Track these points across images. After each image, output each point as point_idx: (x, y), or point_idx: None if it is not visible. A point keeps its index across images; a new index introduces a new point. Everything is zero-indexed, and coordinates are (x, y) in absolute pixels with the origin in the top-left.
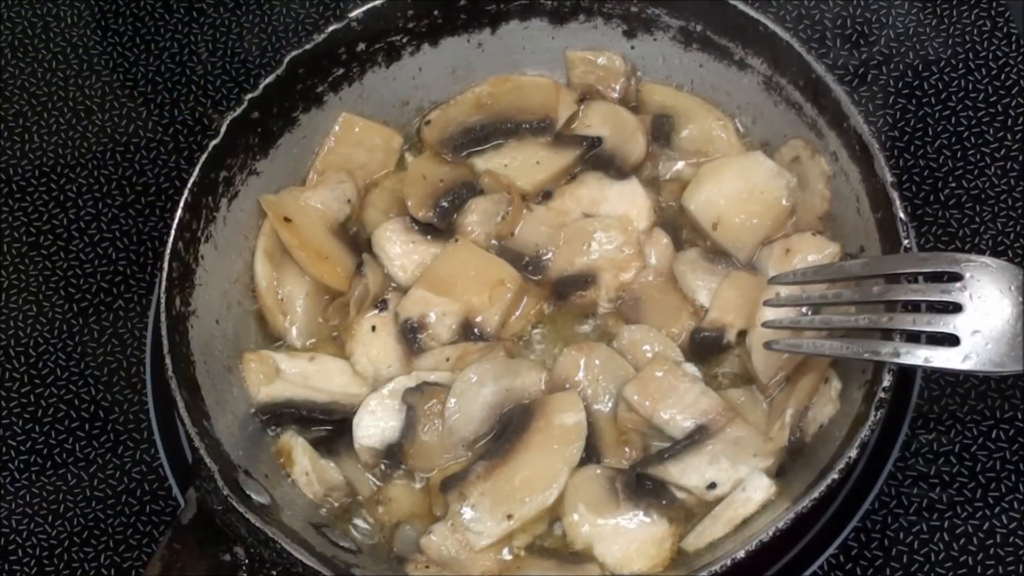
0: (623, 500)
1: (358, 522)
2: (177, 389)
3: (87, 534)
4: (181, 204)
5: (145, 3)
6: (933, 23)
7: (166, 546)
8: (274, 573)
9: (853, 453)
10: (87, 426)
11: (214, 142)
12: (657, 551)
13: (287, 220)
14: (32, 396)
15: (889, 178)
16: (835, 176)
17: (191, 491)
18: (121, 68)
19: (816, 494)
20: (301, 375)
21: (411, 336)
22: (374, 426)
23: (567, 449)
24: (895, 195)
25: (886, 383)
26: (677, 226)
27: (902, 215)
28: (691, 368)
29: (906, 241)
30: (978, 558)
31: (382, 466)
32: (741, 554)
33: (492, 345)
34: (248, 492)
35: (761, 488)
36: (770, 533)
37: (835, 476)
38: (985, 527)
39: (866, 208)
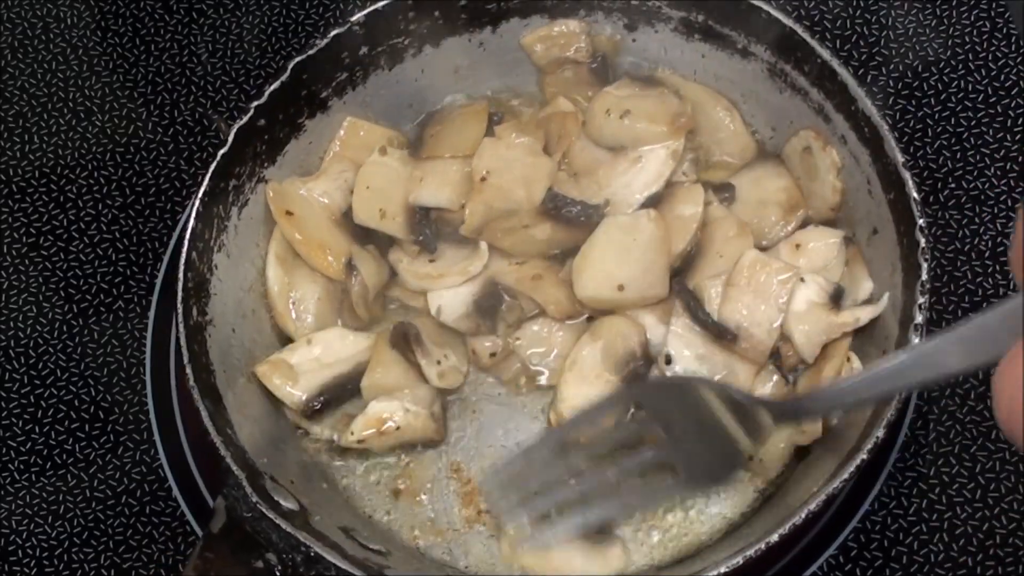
0: None
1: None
2: (200, 399)
3: (87, 534)
4: (193, 214)
5: (145, 3)
6: (933, 23)
7: (199, 555)
8: None
9: (881, 433)
10: (87, 427)
11: (222, 151)
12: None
13: (289, 213)
14: (32, 396)
15: (900, 159)
16: (845, 161)
17: (219, 499)
18: (121, 69)
19: (846, 474)
20: (313, 360)
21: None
22: (449, 299)
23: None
24: (907, 175)
25: None
26: None
27: (915, 195)
28: None
29: (921, 221)
30: (978, 558)
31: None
32: (775, 537)
33: None
34: (276, 498)
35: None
36: (803, 515)
37: (864, 456)
38: (985, 527)
39: (878, 190)
